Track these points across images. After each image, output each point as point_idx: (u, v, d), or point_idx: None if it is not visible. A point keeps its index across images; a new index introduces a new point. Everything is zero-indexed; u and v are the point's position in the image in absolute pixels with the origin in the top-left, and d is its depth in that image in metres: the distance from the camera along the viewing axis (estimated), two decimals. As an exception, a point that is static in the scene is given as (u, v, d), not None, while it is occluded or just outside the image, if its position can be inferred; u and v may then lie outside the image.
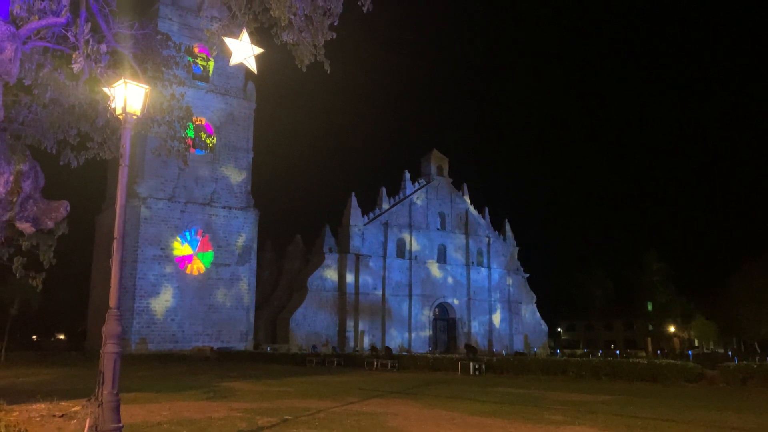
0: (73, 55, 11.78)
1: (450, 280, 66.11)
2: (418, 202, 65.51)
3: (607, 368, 23.47)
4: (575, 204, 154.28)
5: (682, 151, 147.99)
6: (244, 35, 11.64)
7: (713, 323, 77.68)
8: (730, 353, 60.76)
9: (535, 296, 73.59)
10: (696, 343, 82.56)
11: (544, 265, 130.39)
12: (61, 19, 11.84)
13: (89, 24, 12.21)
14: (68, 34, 12.00)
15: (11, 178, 12.24)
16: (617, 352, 57.73)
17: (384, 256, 61.88)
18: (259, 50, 11.81)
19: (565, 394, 16.94)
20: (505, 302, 69.81)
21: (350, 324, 58.86)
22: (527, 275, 73.56)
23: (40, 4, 11.61)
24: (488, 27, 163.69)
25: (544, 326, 74.13)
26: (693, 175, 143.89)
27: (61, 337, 78.99)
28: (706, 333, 79.78)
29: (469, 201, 69.74)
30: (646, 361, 24.66)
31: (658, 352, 65.02)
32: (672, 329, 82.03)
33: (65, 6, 11.73)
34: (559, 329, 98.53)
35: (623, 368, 23.20)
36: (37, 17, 11.58)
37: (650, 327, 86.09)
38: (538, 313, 73.50)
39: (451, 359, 29.65)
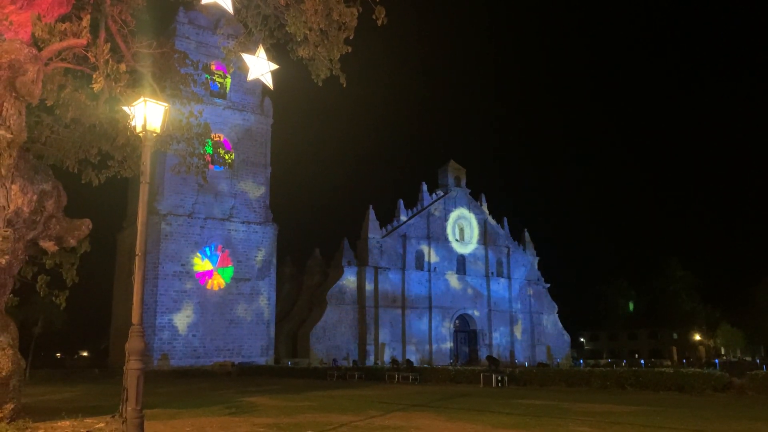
0: (94, 75, 11.99)
1: (470, 291, 65.72)
2: (436, 213, 65.35)
3: (632, 378, 23.04)
4: (596, 212, 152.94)
5: (704, 157, 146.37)
6: (261, 51, 11.77)
7: (740, 331, 76.33)
8: (758, 361, 59.61)
9: (556, 306, 72.78)
10: (722, 352, 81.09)
11: (565, 275, 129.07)
12: (82, 41, 12.07)
13: (109, 44, 12.44)
14: (88, 55, 12.21)
15: (35, 197, 12.43)
16: (642, 361, 56.90)
17: (403, 268, 61.73)
18: (274, 66, 11.93)
19: (590, 406, 16.67)
20: (527, 313, 69.18)
21: (370, 337, 58.72)
22: (548, 285, 72.86)
23: (61, 26, 11.84)
24: (504, 36, 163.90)
25: (566, 337, 73.22)
26: (715, 180, 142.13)
27: (85, 354, 79.90)
28: (733, 341, 78.41)
29: (487, 211, 69.43)
30: (671, 371, 24.20)
31: (684, 361, 63.94)
32: (697, 338, 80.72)
33: (85, 27, 11.95)
34: (581, 339, 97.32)
35: (648, 378, 22.78)
36: (58, 39, 11.81)
37: (675, 336, 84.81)
38: (560, 324, 72.65)
39: (473, 371, 29.39)
